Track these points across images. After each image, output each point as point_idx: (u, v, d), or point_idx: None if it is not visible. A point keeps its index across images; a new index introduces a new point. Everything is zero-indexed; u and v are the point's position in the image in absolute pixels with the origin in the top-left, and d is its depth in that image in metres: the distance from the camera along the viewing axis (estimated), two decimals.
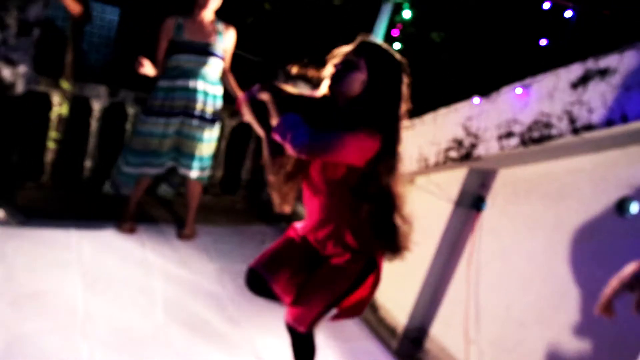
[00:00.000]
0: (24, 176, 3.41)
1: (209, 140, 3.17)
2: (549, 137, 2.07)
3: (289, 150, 1.57)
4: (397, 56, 1.67)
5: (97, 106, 3.43)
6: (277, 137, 1.59)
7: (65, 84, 3.21)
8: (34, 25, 2.64)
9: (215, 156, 3.67)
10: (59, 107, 3.26)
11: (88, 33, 8.20)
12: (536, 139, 2.11)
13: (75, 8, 2.72)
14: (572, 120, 1.99)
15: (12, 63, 2.62)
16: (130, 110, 3.54)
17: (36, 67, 2.79)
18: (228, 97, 3.22)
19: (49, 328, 2.24)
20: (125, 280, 2.75)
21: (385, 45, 1.69)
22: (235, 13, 2.99)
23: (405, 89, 1.67)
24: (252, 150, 4.11)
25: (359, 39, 1.68)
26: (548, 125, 2.08)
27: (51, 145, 3.35)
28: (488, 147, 2.32)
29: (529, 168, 2.44)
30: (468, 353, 2.56)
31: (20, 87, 2.69)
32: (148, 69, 2.87)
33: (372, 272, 1.83)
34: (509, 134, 2.23)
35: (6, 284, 2.44)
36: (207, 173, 3.31)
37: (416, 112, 2.98)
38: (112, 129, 3.63)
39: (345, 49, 1.67)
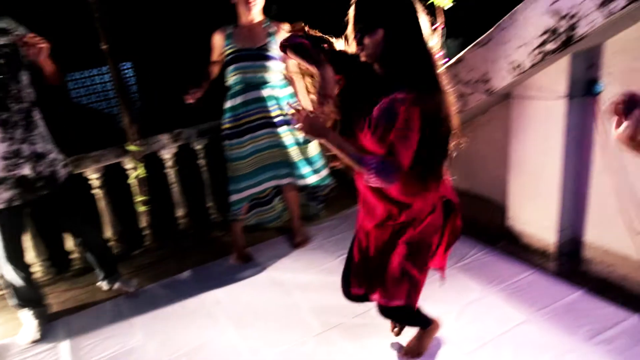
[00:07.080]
0: (129, 247, 3.45)
1: (305, 142, 3.00)
2: None
3: (369, 180, 1.57)
4: None
5: (167, 155, 3.39)
6: (365, 169, 1.57)
7: (132, 147, 3.17)
8: (32, 107, 2.37)
9: None
10: (135, 172, 3.24)
11: (112, 94, 8.34)
12: None
13: (56, 79, 2.42)
14: None
15: (41, 157, 2.39)
16: (197, 146, 3.48)
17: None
18: None
19: None
20: (266, 307, 2.71)
21: None
22: None
23: (424, 23, 1.56)
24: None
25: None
26: None
27: (141, 208, 3.35)
28: (591, 21, 2.05)
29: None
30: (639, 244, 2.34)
31: (62, 174, 2.51)
32: (194, 94, 2.79)
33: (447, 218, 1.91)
34: None
35: (163, 349, 2.45)
36: (325, 173, 3.14)
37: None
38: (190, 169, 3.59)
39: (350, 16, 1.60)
